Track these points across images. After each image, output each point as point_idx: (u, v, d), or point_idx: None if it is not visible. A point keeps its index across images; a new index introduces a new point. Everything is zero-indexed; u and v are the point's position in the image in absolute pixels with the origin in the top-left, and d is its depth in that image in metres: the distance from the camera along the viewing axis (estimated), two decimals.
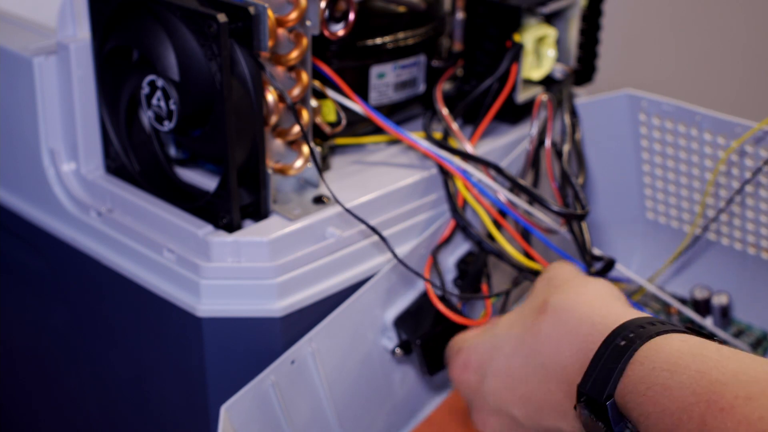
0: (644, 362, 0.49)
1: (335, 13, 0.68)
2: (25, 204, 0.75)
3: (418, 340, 0.67)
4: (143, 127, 0.67)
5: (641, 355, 0.49)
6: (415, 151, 0.72)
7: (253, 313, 0.63)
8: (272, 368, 0.61)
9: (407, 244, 0.69)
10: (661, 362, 0.48)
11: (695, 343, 0.49)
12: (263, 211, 0.65)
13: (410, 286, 0.69)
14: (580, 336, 0.54)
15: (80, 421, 0.81)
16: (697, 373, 0.47)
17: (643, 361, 0.49)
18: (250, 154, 0.63)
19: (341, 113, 0.70)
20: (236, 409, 0.59)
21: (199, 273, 0.63)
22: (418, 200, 0.70)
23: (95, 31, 0.66)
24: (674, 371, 0.48)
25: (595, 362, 0.51)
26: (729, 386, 0.45)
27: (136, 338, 0.71)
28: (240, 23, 0.59)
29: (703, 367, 0.47)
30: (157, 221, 0.66)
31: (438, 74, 0.76)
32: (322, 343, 0.64)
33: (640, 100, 0.74)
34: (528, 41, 0.74)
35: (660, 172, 0.76)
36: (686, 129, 0.72)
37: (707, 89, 1.50)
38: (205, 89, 0.60)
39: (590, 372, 0.51)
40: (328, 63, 0.69)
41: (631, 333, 0.51)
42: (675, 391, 0.47)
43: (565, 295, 0.57)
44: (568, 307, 0.56)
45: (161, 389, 0.71)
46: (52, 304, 0.77)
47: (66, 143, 0.71)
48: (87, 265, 0.70)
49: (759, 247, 0.73)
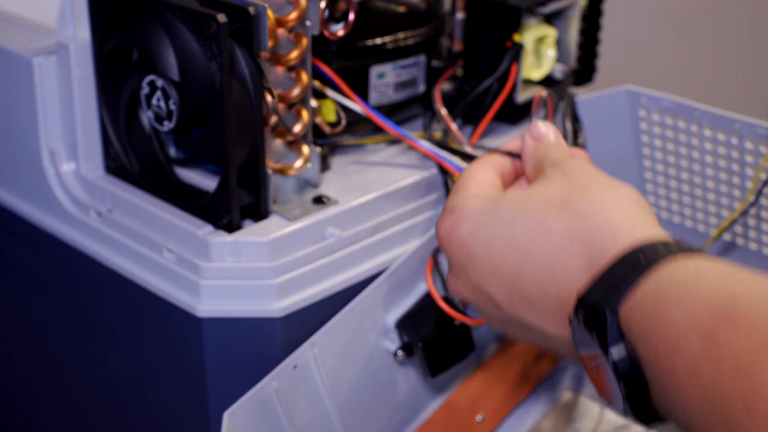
0: (662, 280, 0.44)
1: (335, 13, 0.68)
2: (25, 204, 0.75)
3: (420, 343, 0.67)
4: (143, 127, 0.67)
5: (660, 273, 0.44)
6: (415, 151, 0.72)
7: (253, 314, 0.63)
8: (274, 374, 0.61)
9: (407, 244, 0.69)
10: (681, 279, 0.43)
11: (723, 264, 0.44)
12: (263, 211, 0.65)
13: (412, 288, 0.69)
14: (598, 245, 0.48)
15: (80, 421, 0.81)
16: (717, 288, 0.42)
17: (661, 278, 0.44)
18: (250, 154, 0.63)
19: (341, 113, 0.70)
20: (239, 415, 0.59)
21: (199, 273, 0.63)
22: (418, 200, 0.70)
23: (95, 31, 0.66)
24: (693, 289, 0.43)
25: (607, 272, 0.46)
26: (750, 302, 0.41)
27: (136, 338, 0.71)
28: (240, 23, 0.59)
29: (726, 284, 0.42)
30: (157, 221, 0.66)
31: (438, 74, 0.76)
32: (323, 347, 0.63)
33: (640, 96, 0.74)
34: (528, 41, 0.74)
35: (661, 168, 0.76)
36: (686, 125, 0.72)
37: (707, 88, 1.50)
38: (205, 89, 0.60)
39: (598, 280, 0.46)
40: (328, 63, 0.69)
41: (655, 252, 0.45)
42: (689, 304, 0.42)
43: (589, 197, 0.50)
44: (589, 211, 0.49)
45: (161, 389, 0.71)
46: (52, 304, 0.77)
47: (66, 143, 0.71)
48: (87, 265, 0.70)
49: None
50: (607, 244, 0.48)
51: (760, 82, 1.57)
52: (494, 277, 0.52)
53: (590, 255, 0.48)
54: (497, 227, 0.52)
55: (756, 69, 1.57)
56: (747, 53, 1.57)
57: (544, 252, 0.50)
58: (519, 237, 0.51)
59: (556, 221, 0.50)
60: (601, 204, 0.50)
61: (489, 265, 0.53)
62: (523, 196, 0.53)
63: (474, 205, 0.54)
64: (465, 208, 0.54)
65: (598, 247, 0.48)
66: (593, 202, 0.50)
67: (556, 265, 0.50)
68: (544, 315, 0.51)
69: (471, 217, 0.54)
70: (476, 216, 0.54)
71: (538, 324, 0.52)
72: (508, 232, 0.52)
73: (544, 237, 0.50)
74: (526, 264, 0.51)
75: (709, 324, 0.41)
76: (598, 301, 0.45)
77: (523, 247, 0.51)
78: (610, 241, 0.48)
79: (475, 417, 0.74)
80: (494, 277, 0.52)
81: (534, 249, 0.51)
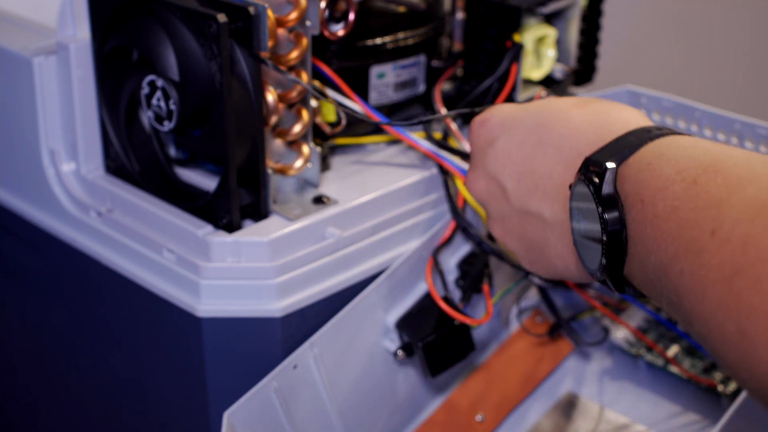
0: (662, 146, 0.48)
1: (335, 13, 0.68)
2: (25, 204, 0.75)
3: (420, 343, 0.67)
4: (143, 127, 0.67)
5: (662, 141, 0.48)
6: (415, 151, 0.72)
7: (253, 314, 0.63)
8: (274, 374, 0.61)
9: (407, 244, 0.69)
10: (679, 146, 0.47)
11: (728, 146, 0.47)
12: (263, 211, 0.65)
13: (412, 288, 0.69)
14: (610, 129, 0.52)
15: (80, 421, 0.81)
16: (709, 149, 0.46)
17: (662, 145, 0.48)
18: (250, 154, 0.63)
19: (341, 113, 0.70)
20: (239, 415, 0.59)
21: (199, 273, 0.63)
22: (418, 200, 0.70)
23: (95, 31, 0.66)
24: (688, 149, 0.47)
25: (614, 142, 0.50)
26: (734, 157, 0.44)
27: (136, 338, 0.71)
28: (240, 23, 0.59)
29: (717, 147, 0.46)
30: (157, 221, 0.66)
31: (438, 74, 0.76)
32: (324, 347, 0.63)
33: (640, 96, 0.74)
34: (528, 41, 0.74)
35: None
36: (686, 125, 0.72)
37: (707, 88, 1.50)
38: (205, 89, 0.60)
39: (605, 147, 0.50)
40: (328, 63, 0.69)
41: (661, 130, 0.50)
42: (680, 159, 0.46)
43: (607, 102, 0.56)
44: (608, 109, 0.54)
45: (161, 389, 0.71)
46: (52, 304, 0.77)
47: (66, 143, 0.71)
48: (87, 265, 0.70)
49: None
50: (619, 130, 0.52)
51: (760, 82, 1.56)
52: (509, 162, 0.57)
53: (603, 135, 0.52)
54: (524, 119, 0.58)
55: (756, 69, 1.57)
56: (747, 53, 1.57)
57: (560, 136, 0.55)
58: (540, 124, 0.56)
59: (576, 113, 0.55)
60: (617, 107, 0.55)
61: (507, 152, 0.58)
62: (549, 100, 0.58)
63: (509, 106, 0.60)
64: (500, 107, 0.60)
65: (611, 130, 0.52)
66: (610, 104, 0.55)
67: (567, 144, 0.54)
68: (547, 197, 0.55)
69: (504, 110, 0.60)
70: (509, 110, 0.59)
71: (537, 208, 0.56)
72: (532, 122, 0.57)
73: (563, 124, 0.55)
74: (539, 146, 0.56)
75: (693, 173, 0.45)
76: (601, 159, 0.49)
77: (542, 131, 0.56)
78: (622, 126, 0.52)
79: (475, 417, 0.74)
80: (509, 162, 0.57)
81: (552, 134, 0.56)
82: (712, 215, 0.42)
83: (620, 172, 0.48)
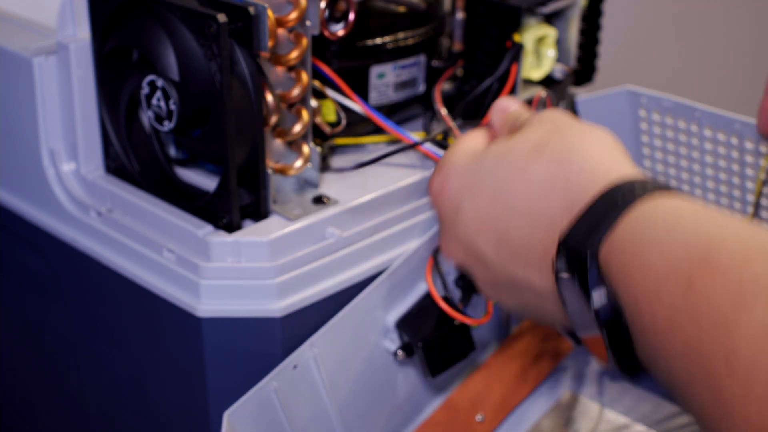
0: (639, 219, 0.44)
1: (335, 13, 0.68)
2: (25, 204, 0.75)
3: (420, 342, 0.67)
4: (143, 127, 0.67)
5: (638, 212, 0.45)
6: (415, 151, 0.72)
7: (253, 314, 0.63)
8: (274, 374, 0.61)
9: (407, 244, 0.69)
10: (659, 220, 0.44)
11: (699, 206, 0.44)
12: (263, 211, 0.65)
13: (412, 288, 0.69)
14: (577, 187, 0.49)
15: (80, 421, 0.81)
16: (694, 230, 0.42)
17: (639, 218, 0.44)
18: (250, 154, 0.63)
19: (341, 113, 0.70)
20: (239, 415, 0.59)
21: (199, 273, 0.63)
22: (418, 200, 0.70)
23: (95, 31, 0.66)
24: (670, 229, 0.43)
25: (587, 213, 0.46)
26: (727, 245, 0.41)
27: (136, 338, 0.71)
28: (240, 23, 0.59)
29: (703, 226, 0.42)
30: (157, 221, 0.66)
31: (438, 74, 0.76)
32: (323, 347, 0.63)
33: (640, 96, 0.74)
34: (528, 41, 0.74)
35: (661, 168, 0.76)
36: (686, 125, 0.72)
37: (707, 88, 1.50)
38: (205, 89, 0.60)
39: (578, 222, 0.46)
40: (328, 63, 0.69)
41: (633, 190, 0.46)
42: (666, 245, 0.42)
43: (566, 140, 0.51)
44: (567, 154, 0.50)
45: (161, 389, 0.71)
46: (52, 304, 0.77)
47: (66, 143, 0.71)
48: (87, 265, 0.70)
49: None
50: (585, 185, 0.48)
51: (760, 82, 1.57)
52: (482, 229, 0.54)
53: (570, 197, 0.49)
54: (482, 178, 0.54)
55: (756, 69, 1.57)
56: (747, 53, 1.57)
57: (526, 199, 0.51)
58: (502, 186, 0.52)
59: (535, 167, 0.51)
60: (577, 146, 0.50)
61: (476, 218, 0.54)
62: (504, 146, 0.54)
63: (462, 160, 0.56)
64: (453, 163, 0.56)
65: (577, 188, 0.49)
66: (570, 144, 0.51)
67: (537, 210, 0.50)
68: (530, 266, 0.51)
69: (459, 170, 0.55)
70: (463, 169, 0.55)
71: (524, 277, 0.52)
72: (492, 181, 0.53)
73: (525, 184, 0.51)
74: (510, 213, 0.52)
75: (687, 269, 0.41)
76: (579, 243, 0.46)
77: (506, 196, 0.52)
78: (588, 182, 0.48)
79: (475, 417, 0.74)
80: (482, 229, 0.54)
81: (517, 197, 0.52)
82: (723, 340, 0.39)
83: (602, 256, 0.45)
